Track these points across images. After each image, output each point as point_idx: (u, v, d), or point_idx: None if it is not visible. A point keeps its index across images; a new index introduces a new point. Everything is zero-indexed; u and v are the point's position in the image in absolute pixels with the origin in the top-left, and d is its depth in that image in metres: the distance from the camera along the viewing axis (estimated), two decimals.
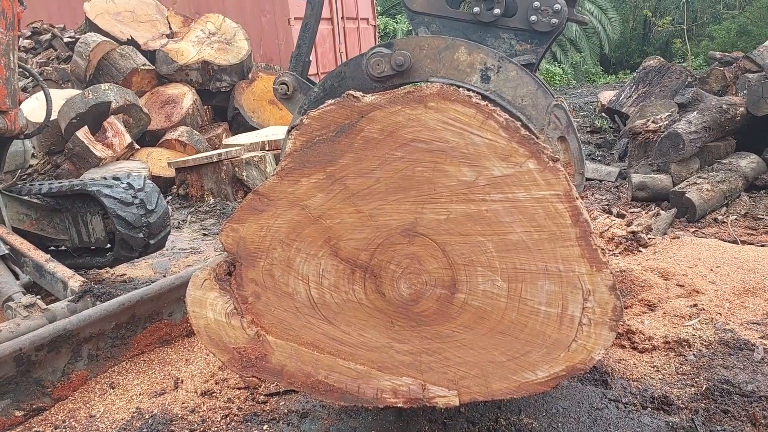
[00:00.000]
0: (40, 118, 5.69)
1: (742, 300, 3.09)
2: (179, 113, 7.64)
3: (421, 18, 2.37)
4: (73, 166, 6.65)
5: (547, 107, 2.13)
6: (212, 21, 8.51)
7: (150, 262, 4.55)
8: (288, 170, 1.72)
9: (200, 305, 1.83)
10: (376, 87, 2.21)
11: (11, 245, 3.42)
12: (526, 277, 1.65)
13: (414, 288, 1.75)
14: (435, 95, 1.61)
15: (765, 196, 5.14)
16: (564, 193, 1.59)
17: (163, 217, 3.66)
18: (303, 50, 2.48)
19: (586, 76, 21.30)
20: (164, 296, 2.93)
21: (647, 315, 3.01)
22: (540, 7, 2.20)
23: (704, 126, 5.29)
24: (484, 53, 2.13)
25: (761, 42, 8.04)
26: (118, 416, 2.48)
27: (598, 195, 5.68)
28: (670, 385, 2.41)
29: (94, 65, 7.61)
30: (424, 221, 1.69)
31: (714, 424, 2.15)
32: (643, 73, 8.05)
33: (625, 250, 3.94)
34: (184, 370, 2.79)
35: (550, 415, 2.27)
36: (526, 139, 1.59)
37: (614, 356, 2.66)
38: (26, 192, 3.78)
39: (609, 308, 1.61)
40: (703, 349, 2.65)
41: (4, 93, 3.18)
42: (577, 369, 1.67)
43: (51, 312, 2.77)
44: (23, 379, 2.48)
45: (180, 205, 6.39)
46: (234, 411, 2.43)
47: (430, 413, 2.29)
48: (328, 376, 1.82)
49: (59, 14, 10.28)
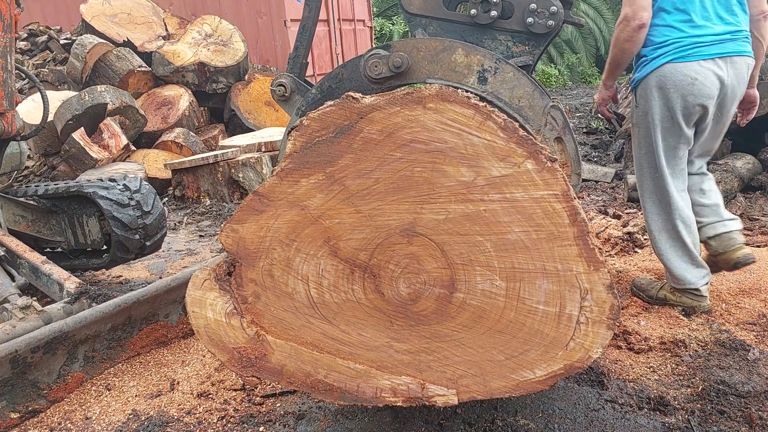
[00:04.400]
0: (36, 120, 5.70)
1: (737, 300, 3.11)
2: (175, 115, 7.63)
3: (419, 20, 2.38)
4: (69, 168, 6.63)
5: (543, 108, 2.15)
6: (208, 23, 8.51)
7: (146, 264, 4.54)
8: (288, 171, 1.73)
9: (200, 305, 1.83)
10: (373, 88, 2.22)
11: (7, 247, 3.41)
12: (524, 276, 1.66)
13: (413, 287, 1.75)
14: (434, 96, 1.62)
15: (761, 196, 5.16)
16: (562, 192, 1.60)
17: (159, 219, 3.65)
18: (300, 52, 2.49)
19: (582, 77, 21.36)
20: (160, 298, 2.93)
21: (643, 316, 3.02)
22: (536, 9, 2.21)
23: None
24: (481, 55, 2.15)
25: None
26: (114, 418, 2.47)
27: (594, 196, 5.70)
28: (666, 386, 2.42)
29: (90, 67, 7.60)
30: (423, 221, 1.69)
31: (710, 425, 2.16)
32: None
33: (621, 251, 3.95)
34: (180, 372, 2.78)
35: (547, 415, 2.27)
36: (524, 139, 1.60)
37: (610, 357, 2.67)
38: (22, 193, 3.77)
39: (606, 307, 1.63)
40: (699, 349, 2.66)
41: (1, 95, 3.17)
42: (575, 367, 1.68)
43: (47, 314, 2.77)
44: (19, 381, 2.47)
45: (176, 207, 6.38)
46: (230, 412, 2.43)
47: (426, 414, 2.29)
48: (328, 376, 1.83)
49: (55, 16, 10.26)
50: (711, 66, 2.61)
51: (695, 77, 2.60)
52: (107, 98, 6.74)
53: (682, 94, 2.62)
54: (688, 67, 2.60)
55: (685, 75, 2.60)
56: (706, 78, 2.61)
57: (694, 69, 2.60)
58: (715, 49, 2.61)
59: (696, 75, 2.60)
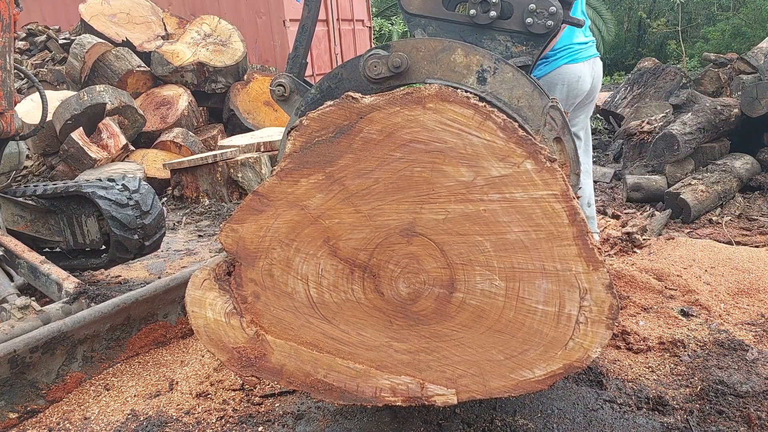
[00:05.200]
0: (35, 120, 5.69)
1: (736, 301, 3.11)
2: (174, 115, 7.63)
3: (418, 20, 2.38)
4: (68, 168, 6.63)
5: (543, 108, 2.14)
6: (207, 22, 8.50)
7: (145, 264, 4.53)
8: (287, 171, 1.73)
9: (199, 305, 1.83)
10: (373, 89, 2.22)
11: (6, 247, 3.41)
12: (523, 276, 1.66)
13: (412, 287, 1.75)
14: (433, 96, 1.62)
15: (759, 197, 5.17)
16: (561, 192, 1.60)
17: (158, 219, 3.65)
18: (300, 52, 2.48)
19: None
20: (159, 298, 2.92)
21: (642, 316, 3.03)
22: (536, 9, 2.21)
23: (699, 127, 5.33)
24: (481, 55, 2.14)
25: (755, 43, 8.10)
26: (112, 418, 2.47)
27: None
28: (664, 386, 2.43)
29: (89, 67, 7.59)
30: (422, 221, 1.69)
31: (709, 425, 2.16)
32: (638, 75, 8.10)
33: (620, 251, 3.96)
34: (179, 372, 2.78)
35: (546, 415, 2.27)
36: (523, 139, 1.60)
37: (609, 357, 2.67)
38: (21, 193, 3.77)
39: (606, 306, 1.63)
40: (698, 349, 2.67)
41: (0, 94, 3.17)
42: (574, 367, 1.68)
43: (45, 314, 2.76)
44: (17, 381, 2.46)
45: (175, 207, 6.38)
46: (229, 412, 2.43)
47: (425, 414, 2.29)
48: (327, 375, 1.83)
49: (54, 16, 10.25)
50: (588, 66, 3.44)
51: (580, 75, 3.38)
52: (106, 98, 6.74)
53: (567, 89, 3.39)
54: (577, 67, 3.38)
55: (574, 73, 3.37)
56: (582, 76, 3.41)
57: (580, 68, 3.38)
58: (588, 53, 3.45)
59: (580, 73, 3.38)
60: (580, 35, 3.43)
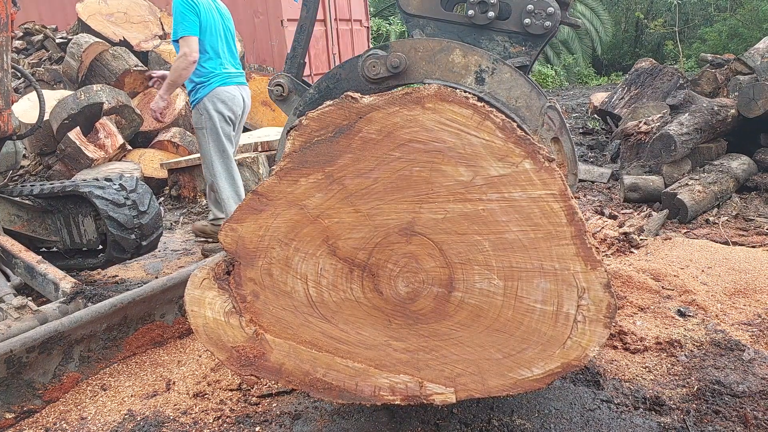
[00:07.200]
0: (32, 119, 5.66)
1: (733, 301, 3.12)
2: (172, 114, 7.61)
3: (416, 20, 2.38)
4: (65, 167, 6.61)
5: (540, 108, 2.15)
6: None
7: (142, 264, 4.52)
8: (287, 170, 1.73)
9: (199, 304, 1.83)
10: (371, 89, 2.22)
11: (2, 246, 3.40)
12: (522, 275, 1.67)
13: (411, 286, 1.76)
14: (432, 96, 1.62)
15: (756, 197, 5.19)
16: (559, 192, 1.60)
17: (155, 219, 3.64)
18: (298, 52, 2.48)
19: (578, 77, 21.42)
20: (156, 298, 2.92)
21: (639, 316, 3.04)
22: (533, 10, 2.22)
23: (696, 127, 5.34)
24: (479, 55, 2.15)
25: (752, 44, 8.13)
26: (109, 418, 2.46)
27: (590, 196, 5.72)
28: (661, 386, 2.43)
29: (86, 66, 7.57)
30: (421, 220, 1.70)
31: (705, 425, 2.17)
32: (635, 75, 8.11)
33: (617, 251, 3.96)
34: (176, 372, 2.78)
35: (543, 415, 2.28)
36: (522, 139, 1.61)
37: (606, 357, 2.68)
38: (17, 193, 3.76)
39: (603, 306, 1.63)
40: (695, 349, 2.68)
41: None
42: (572, 366, 1.69)
43: (42, 313, 2.76)
44: (14, 381, 2.46)
45: (172, 206, 6.36)
46: (226, 412, 2.43)
47: (423, 414, 2.29)
48: (326, 374, 1.83)
49: (51, 15, 10.21)
50: (238, 89, 4.39)
51: (234, 95, 4.34)
52: (103, 97, 6.72)
53: (228, 106, 4.30)
54: (230, 89, 4.31)
55: (229, 93, 4.30)
56: (237, 96, 4.37)
57: (232, 90, 4.33)
58: (237, 80, 4.41)
59: (234, 94, 4.34)
60: (230, 66, 4.39)
